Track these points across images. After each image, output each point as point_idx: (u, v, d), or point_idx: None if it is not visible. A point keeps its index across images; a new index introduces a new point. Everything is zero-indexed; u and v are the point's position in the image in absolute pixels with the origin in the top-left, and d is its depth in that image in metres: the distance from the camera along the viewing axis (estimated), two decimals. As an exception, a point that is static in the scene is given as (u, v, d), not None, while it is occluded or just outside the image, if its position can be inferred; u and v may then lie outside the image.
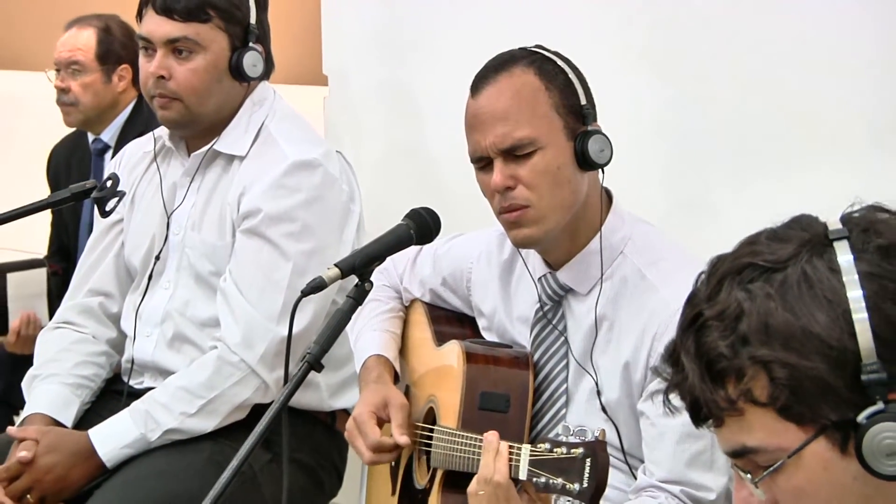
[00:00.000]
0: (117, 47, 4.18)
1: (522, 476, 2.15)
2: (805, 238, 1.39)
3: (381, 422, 2.64)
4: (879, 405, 1.33)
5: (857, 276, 1.35)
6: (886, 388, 1.33)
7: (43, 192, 3.81)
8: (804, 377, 1.35)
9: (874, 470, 1.34)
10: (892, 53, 2.82)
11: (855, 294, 1.34)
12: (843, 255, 1.36)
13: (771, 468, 1.38)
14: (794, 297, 1.36)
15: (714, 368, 1.39)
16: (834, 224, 1.40)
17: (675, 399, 1.44)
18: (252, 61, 3.05)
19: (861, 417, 1.34)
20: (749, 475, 1.41)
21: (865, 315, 1.34)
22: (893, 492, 1.36)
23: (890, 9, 2.83)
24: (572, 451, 2.10)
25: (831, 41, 2.92)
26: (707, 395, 1.40)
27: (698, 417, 1.43)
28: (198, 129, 3.10)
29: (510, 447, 2.18)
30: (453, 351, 2.62)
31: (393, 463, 2.78)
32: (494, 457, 2.20)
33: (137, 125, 3.95)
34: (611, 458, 2.44)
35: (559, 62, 2.50)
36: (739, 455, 1.41)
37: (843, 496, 1.37)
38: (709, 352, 1.39)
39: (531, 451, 2.15)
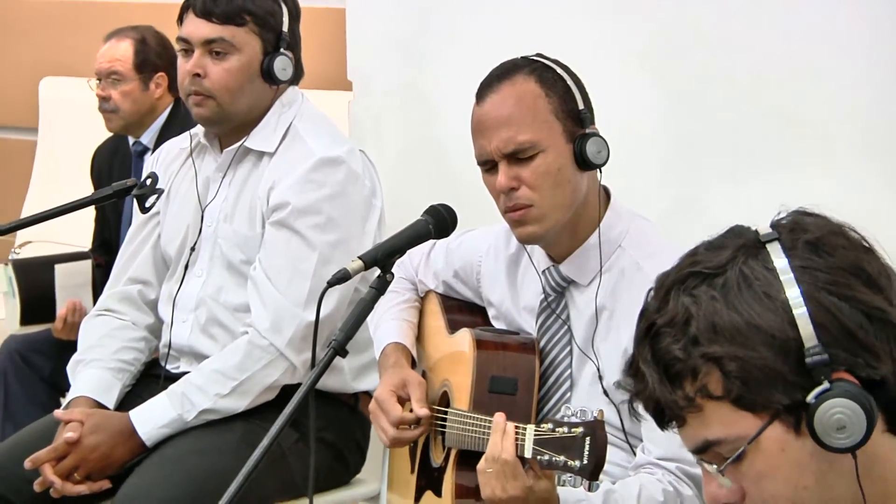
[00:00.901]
0: (153, 57, 4.19)
1: (528, 454, 2.16)
2: (739, 244, 1.42)
3: (402, 400, 2.66)
4: (825, 385, 1.36)
5: (791, 272, 1.38)
6: (830, 369, 1.36)
7: (87, 190, 3.84)
8: (753, 367, 1.37)
9: (827, 444, 1.36)
10: (876, 62, 2.81)
11: (791, 287, 1.37)
12: (776, 254, 1.39)
13: (733, 457, 1.40)
14: (736, 296, 1.38)
15: (671, 371, 1.41)
16: (764, 229, 1.43)
17: (639, 408, 1.47)
18: (282, 65, 3.06)
19: (810, 398, 1.36)
20: (714, 466, 1.43)
21: (803, 305, 1.36)
22: (844, 464, 1.38)
23: (879, 18, 2.82)
24: (573, 430, 2.11)
25: (821, 49, 2.90)
26: (667, 396, 1.42)
27: (662, 420, 1.45)
28: (229, 127, 3.11)
29: (516, 427, 2.19)
30: (465, 338, 2.63)
31: (412, 443, 2.79)
32: (502, 437, 2.21)
33: (174, 128, 3.94)
34: (612, 437, 2.47)
35: (558, 70, 2.51)
36: (703, 450, 1.43)
37: (801, 474, 1.39)
38: (664, 356, 1.41)
39: (536, 430, 2.16)
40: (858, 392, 1.36)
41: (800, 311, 1.36)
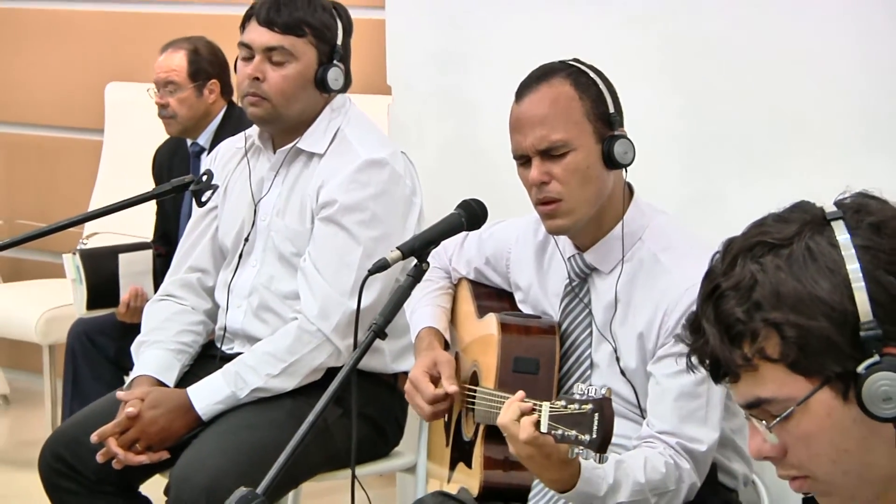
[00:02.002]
0: (205, 65, 4.21)
1: (543, 429, 2.16)
2: (806, 219, 1.41)
3: (434, 379, 2.67)
4: (876, 358, 1.36)
5: (853, 249, 1.37)
6: (882, 343, 1.36)
7: (148, 186, 3.86)
8: (811, 335, 1.37)
9: (873, 413, 1.37)
10: (884, 64, 2.81)
11: (853, 264, 1.36)
12: (841, 232, 1.38)
13: (782, 415, 1.40)
14: (801, 267, 1.38)
15: (732, 331, 1.40)
16: (830, 208, 1.42)
17: (694, 360, 1.45)
18: (335, 76, 3.07)
19: (860, 368, 1.36)
20: (763, 423, 1.43)
21: (862, 282, 1.36)
22: (884, 432, 1.38)
23: (888, 21, 2.81)
24: (583, 407, 2.12)
25: (826, 55, 2.90)
26: (726, 354, 1.41)
27: (718, 375, 1.44)
28: (280, 128, 3.12)
29: (534, 404, 2.21)
30: (491, 322, 2.65)
31: (446, 419, 2.81)
32: (507, 408, 2.22)
33: (228, 130, 3.96)
34: (628, 412, 2.49)
35: (592, 74, 2.52)
36: (754, 406, 1.43)
37: (844, 438, 1.40)
38: (727, 317, 1.40)
39: (550, 407, 2.17)
40: None
41: (858, 287, 1.36)
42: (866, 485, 1.43)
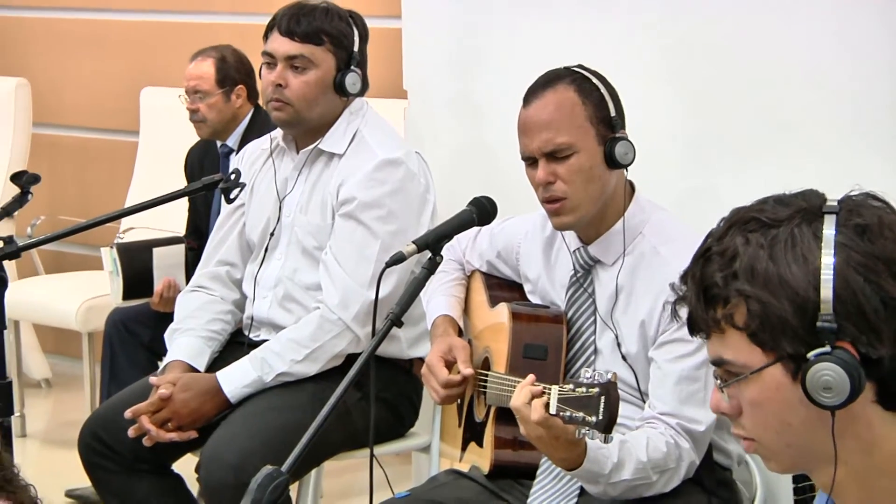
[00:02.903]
0: (232, 72, 4.20)
1: (552, 411, 2.17)
2: (803, 207, 1.40)
3: (449, 364, 2.67)
4: (827, 348, 1.36)
5: (832, 246, 1.36)
6: (835, 337, 1.35)
7: (181, 185, 3.86)
8: (772, 313, 1.37)
9: (813, 399, 1.37)
10: (860, 71, 2.80)
11: (827, 259, 1.36)
12: (828, 226, 1.38)
13: (735, 379, 1.42)
14: (780, 251, 1.38)
15: (709, 293, 1.41)
16: (831, 201, 1.41)
17: (680, 311, 1.47)
18: (352, 81, 3.08)
19: (811, 355, 1.36)
20: (720, 381, 1.44)
21: (831, 276, 1.35)
22: (825, 417, 1.38)
23: (881, 23, 2.79)
24: (590, 390, 2.12)
25: (820, 57, 2.89)
26: (700, 313, 1.42)
27: (692, 329, 1.46)
28: (302, 130, 3.13)
29: (544, 387, 2.21)
30: (503, 311, 2.64)
31: (459, 401, 2.81)
32: (519, 391, 2.23)
33: (254, 132, 3.95)
34: (628, 395, 2.49)
35: (595, 80, 2.52)
36: (718, 364, 1.44)
37: (789, 414, 1.40)
38: (707, 280, 1.41)
39: (559, 390, 2.17)
40: (851, 363, 1.35)
41: (826, 280, 1.35)
42: (807, 459, 1.43)
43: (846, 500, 1.44)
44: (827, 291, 1.35)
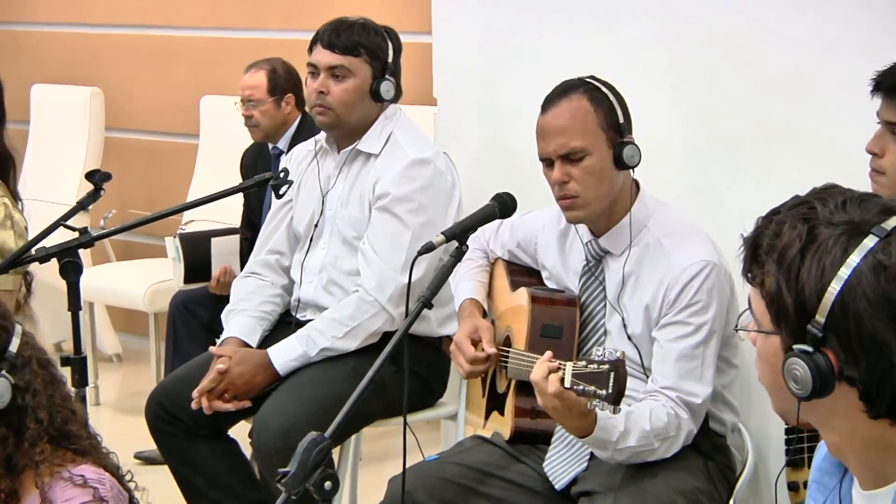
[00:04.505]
0: (282, 82, 4.20)
1: (567, 385, 2.17)
2: (854, 220, 1.35)
3: (474, 342, 2.67)
4: (809, 348, 1.34)
5: (852, 269, 1.32)
6: (819, 342, 1.34)
7: (236, 182, 3.86)
8: (781, 299, 1.36)
9: (787, 384, 1.36)
10: (846, 83, 2.76)
11: (840, 278, 1.32)
12: (861, 250, 1.33)
13: (750, 329, 1.42)
14: (810, 251, 1.34)
15: (755, 251, 1.40)
16: (883, 222, 1.35)
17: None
18: (387, 88, 3.08)
19: (795, 347, 1.35)
20: (742, 319, 1.45)
21: (837, 293, 1.32)
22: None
23: (875, 28, 2.77)
24: (601, 366, 2.13)
25: (801, 74, 2.87)
26: (746, 262, 1.41)
27: (743, 270, 1.44)
28: (342, 133, 3.12)
29: (560, 363, 2.21)
30: (523, 295, 2.64)
31: (483, 375, 2.80)
32: (538, 365, 2.23)
33: (302, 135, 3.94)
34: (635, 371, 2.48)
35: (605, 90, 2.51)
36: (749, 307, 1.43)
37: (778, 379, 1.38)
38: (759, 239, 1.40)
39: (573, 366, 2.17)
40: (823, 370, 1.33)
41: (830, 294, 1.32)
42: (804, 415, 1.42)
43: (847, 460, 1.43)
44: (827, 303, 1.32)
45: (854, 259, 1.33)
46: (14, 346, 1.91)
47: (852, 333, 1.32)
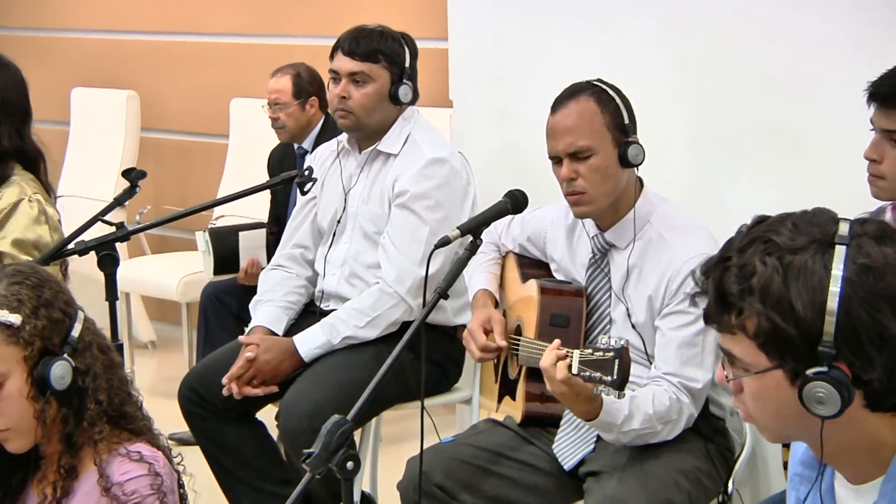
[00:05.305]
0: (306, 86, 4.20)
1: (574, 371, 2.17)
2: (816, 237, 1.34)
3: (487, 331, 2.68)
4: (824, 368, 1.32)
5: (840, 281, 1.31)
6: (832, 359, 1.32)
7: (264, 179, 3.87)
8: (779, 332, 1.33)
9: (808, 409, 1.34)
10: (842, 87, 2.75)
11: (834, 293, 1.31)
12: (838, 260, 1.32)
13: (743, 374, 1.38)
14: (793, 278, 1.33)
15: (725, 300, 1.37)
16: (843, 230, 1.34)
17: (699, 301, 1.42)
18: (405, 92, 3.07)
19: (809, 371, 1.33)
20: (727, 369, 1.41)
21: (836, 308, 1.31)
22: (815, 420, 1.36)
23: (872, 30, 2.75)
24: (606, 354, 2.12)
25: (799, 77, 2.86)
26: (716, 313, 1.39)
27: (707, 321, 1.42)
28: (363, 134, 3.12)
29: (567, 351, 2.21)
30: (533, 286, 2.64)
31: (495, 361, 2.81)
32: (547, 353, 2.23)
33: (326, 136, 3.94)
34: (638, 358, 2.48)
35: (611, 92, 2.51)
36: (727, 355, 1.40)
37: (785, 408, 1.37)
38: (725, 288, 1.36)
39: (580, 354, 2.17)
40: (843, 382, 1.32)
41: (831, 311, 1.31)
42: (798, 437, 1.42)
43: (839, 461, 1.42)
44: (831, 321, 1.31)
45: (838, 272, 1.31)
46: (76, 332, 1.93)
47: (863, 339, 1.31)
